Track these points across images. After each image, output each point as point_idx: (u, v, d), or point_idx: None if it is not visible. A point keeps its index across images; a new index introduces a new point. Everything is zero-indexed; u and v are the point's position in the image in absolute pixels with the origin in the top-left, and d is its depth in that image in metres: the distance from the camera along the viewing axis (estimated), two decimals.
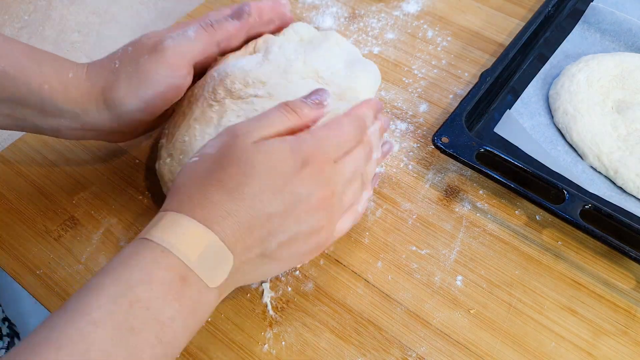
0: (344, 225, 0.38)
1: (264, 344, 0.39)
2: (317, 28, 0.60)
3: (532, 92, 0.52)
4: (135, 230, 0.44)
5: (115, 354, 0.27)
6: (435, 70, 0.56)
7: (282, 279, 0.42)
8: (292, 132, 0.36)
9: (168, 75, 0.40)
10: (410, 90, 0.54)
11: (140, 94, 0.40)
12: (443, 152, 0.45)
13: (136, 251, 0.30)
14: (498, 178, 0.43)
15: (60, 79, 0.39)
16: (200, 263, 0.31)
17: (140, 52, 0.40)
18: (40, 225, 0.45)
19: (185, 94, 0.44)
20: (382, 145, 0.42)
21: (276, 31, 0.47)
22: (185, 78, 0.41)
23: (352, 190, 0.38)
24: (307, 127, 0.37)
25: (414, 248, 0.43)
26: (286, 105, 0.36)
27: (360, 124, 0.38)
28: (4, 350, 0.56)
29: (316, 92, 0.38)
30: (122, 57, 0.41)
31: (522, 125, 0.49)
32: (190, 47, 0.41)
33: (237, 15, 0.43)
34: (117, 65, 0.40)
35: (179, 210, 0.32)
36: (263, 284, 0.41)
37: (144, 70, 0.39)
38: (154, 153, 0.49)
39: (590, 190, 0.45)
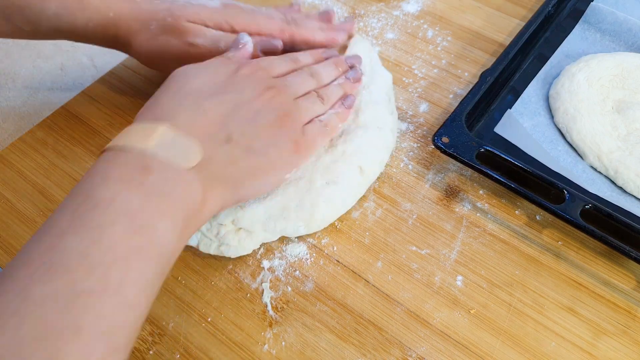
0: (312, 132, 0.41)
1: (264, 344, 0.39)
2: None
3: (532, 92, 0.52)
4: None
5: (89, 253, 0.27)
6: (435, 70, 0.56)
7: (282, 279, 0.42)
8: None
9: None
10: (410, 90, 0.54)
11: (155, 63, 0.48)
12: (443, 152, 0.45)
13: (94, 165, 0.32)
14: (498, 178, 0.43)
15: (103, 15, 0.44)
16: (160, 148, 0.31)
17: (173, 33, 0.45)
18: (40, 226, 0.45)
19: None
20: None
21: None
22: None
23: (304, 99, 0.42)
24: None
25: (414, 248, 0.43)
26: (218, 56, 0.43)
27: (294, 58, 0.45)
28: None
29: (236, 40, 0.44)
30: (159, 25, 0.45)
31: (522, 125, 0.49)
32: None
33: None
34: (152, 28, 0.45)
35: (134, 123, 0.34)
36: (263, 284, 0.41)
37: (168, 54, 0.46)
38: None
39: (590, 190, 0.45)
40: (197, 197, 0.32)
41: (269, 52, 0.47)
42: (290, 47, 0.49)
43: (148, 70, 0.56)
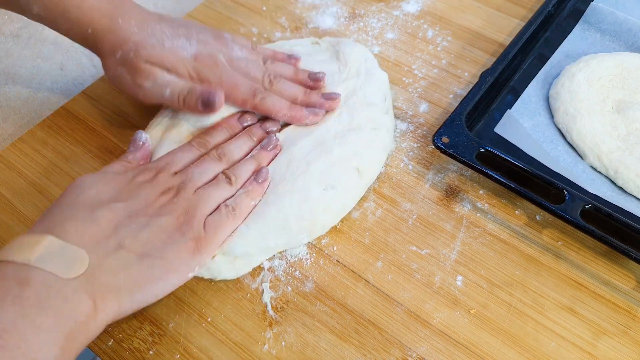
0: (214, 223, 0.39)
1: (264, 344, 0.39)
2: (317, 29, 0.60)
3: (532, 92, 0.52)
4: None
5: None
6: (435, 70, 0.56)
7: (282, 279, 0.42)
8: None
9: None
10: (410, 90, 0.54)
11: (117, 88, 0.50)
12: (443, 152, 0.45)
13: None
14: (498, 178, 0.43)
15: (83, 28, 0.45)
16: (42, 260, 0.31)
17: (129, 69, 0.44)
18: None
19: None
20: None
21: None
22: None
23: (208, 187, 0.40)
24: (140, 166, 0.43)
25: (414, 248, 0.43)
26: (118, 159, 0.44)
27: (200, 140, 0.44)
28: None
29: (134, 139, 0.45)
30: (122, 56, 0.44)
31: (522, 125, 0.49)
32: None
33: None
34: (117, 56, 0.45)
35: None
36: (263, 284, 0.41)
37: (121, 86, 0.46)
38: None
39: (590, 190, 0.45)
40: (84, 308, 0.31)
41: (207, 105, 0.45)
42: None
43: None
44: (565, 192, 0.42)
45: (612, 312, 0.40)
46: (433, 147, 0.47)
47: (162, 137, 0.46)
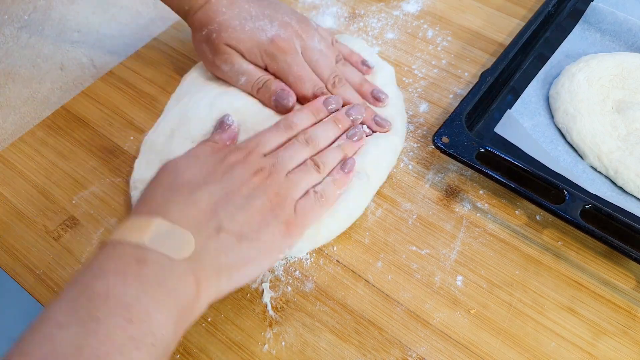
0: (304, 208, 0.39)
1: (264, 344, 0.39)
2: None
3: (532, 92, 0.52)
4: None
5: (86, 344, 0.27)
6: (435, 70, 0.56)
7: (282, 279, 0.42)
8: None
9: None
10: (410, 90, 0.54)
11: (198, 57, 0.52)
12: (443, 152, 0.45)
13: (92, 258, 0.32)
14: (498, 178, 0.43)
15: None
16: (154, 240, 0.32)
17: (211, 48, 0.48)
18: (40, 226, 0.45)
19: None
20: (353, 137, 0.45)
21: None
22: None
23: (297, 171, 0.41)
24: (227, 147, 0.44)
25: (414, 248, 0.43)
26: (204, 140, 0.44)
27: (285, 122, 0.44)
28: None
29: (221, 121, 0.46)
30: (206, 34, 0.48)
31: (522, 125, 0.49)
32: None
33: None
34: (203, 32, 0.48)
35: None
36: (263, 284, 0.41)
37: (203, 59, 0.50)
38: None
39: (590, 190, 0.45)
40: (191, 290, 0.32)
41: (280, 105, 0.47)
42: None
43: (148, 71, 0.56)
44: (565, 192, 0.42)
45: (612, 312, 0.40)
46: (433, 147, 0.47)
47: (171, 135, 0.46)
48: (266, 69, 0.49)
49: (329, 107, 0.47)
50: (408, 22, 0.61)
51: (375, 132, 0.48)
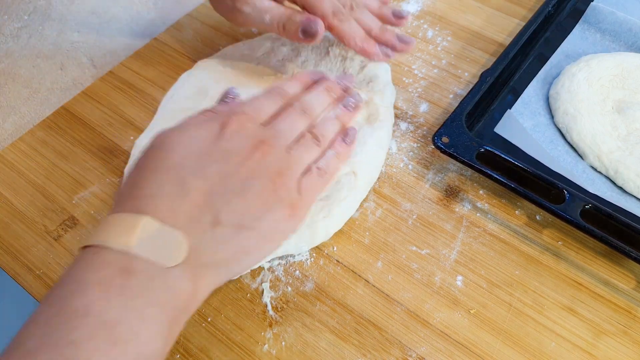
0: (308, 187, 0.36)
1: (264, 344, 0.39)
2: None
3: (532, 92, 0.52)
4: None
5: None
6: (435, 70, 0.56)
7: (282, 279, 0.42)
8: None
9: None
10: (410, 90, 0.54)
11: (218, 10, 0.50)
12: (443, 152, 0.45)
13: (72, 265, 0.29)
14: (498, 178, 0.43)
15: None
16: (142, 245, 0.28)
17: None
18: (40, 226, 0.45)
19: None
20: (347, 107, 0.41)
21: None
22: None
23: (299, 146, 0.36)
24: None
25: (414, 248, 0.43)
26: (205, 109, 0.39)
27: (277, 89, 0.39)
28: None
29: (226, 92, 0.41)
30: None
31: (522, 125, 0.49)
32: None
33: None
34: None
35: (112, 211, 0.31)
36: (263, 284, 0.41)
37: (221, 8, 0.49)
38: None
39: (590, 190, 0.45)
40: (186, 291, 0.30)
41: (308, 34, 0.45)
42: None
43: (148, 71, 0.56)
44: (565, 192, 0.42)
45: (612, 312, 0.40)
46: (433, 147, 0.47)
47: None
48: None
49: (313, 77, 0.42)
50: (408, 22, 0.60)
51: (402, 51, 0.48)
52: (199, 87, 0.51)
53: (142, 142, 0.48)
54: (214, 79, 0.51)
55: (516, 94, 0.52)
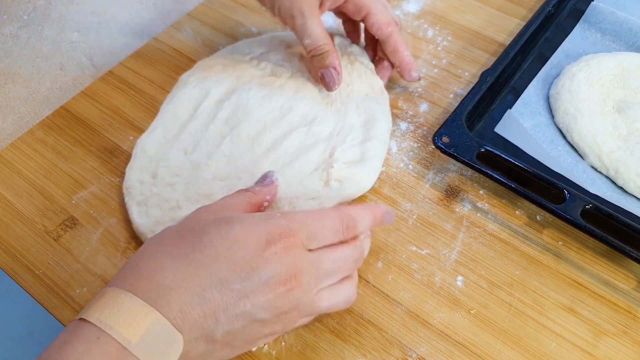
0: (324, 304, 0.35)
1: (264, 344, 0.39)
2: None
3: (532, 92, 0.52)
4: (133, 230, 0.44)
5: None
6: (435, 70, 0.56)
7: None
8: (253, 207, 0.37)
9: None
10: (410, 89, 0.54)
11: None
12: (443, 152, 0.45)
13: (70, 338, 0.28)
14: (498, 178, 0.43)
15: None
16: (143, 347, 0.27)
17: None
18: (39, 226, 0.45)
19: None
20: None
21: None
22: None
23: (328, 283, 0.35)
24: (265, 201, 0.39)
25: (414, 248, 0.43)
26: (241, 189, 0.38)
27: (349, 223, 0.35)
28: None
29: (265, 175, 0.42)
30: None
31: (522, 125, 0.49)
32: None
33: None
34: None
35: (121, 284, 0.29)
36: None
37: None
38: None
39: (590, 190, 0.45)
40: None
41: (325, 82, 0.49)
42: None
43: (147, 71, 0.56)
44: (566, 192, 0.42)
45: (613, 312, 0.40)
46: (433, 147, 0.46)
47: (164, 139, 0.47)
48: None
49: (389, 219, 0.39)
50: (408, 21, 0.60)
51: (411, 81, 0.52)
52: (199, 88, 0.51)
53: (143, 142, 0.48)
54: (214, 80, 0.51)
55: (516, 93, 0.52)
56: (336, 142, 0.47)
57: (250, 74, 0.52)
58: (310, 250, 0.33)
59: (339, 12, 0.51)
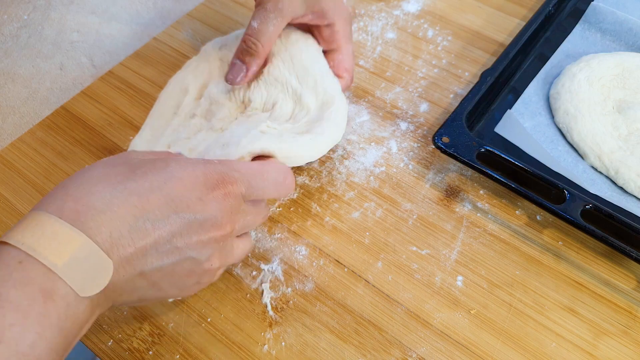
0: (237, 253, 0.36)
1: (264, 345, 0.39)
2: None
3: (532, 92, 0.52)
4: None
5: None
6: (435, 70, 0.56)
7: (282, 279, 0.42)
8: None
9: None
10: (410, 89, 0.54)
11: None
12: (443, 152, 0.45)
13: None
14: (499, 178, 0.43)
15: None
16: (69, 268, 0.26)
17: None
18: None
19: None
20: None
21: None
22: None
23: (244, 240, 0.36)
24: None
25: (415, 248, 0.43)
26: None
27: (288, 178, 0.37)
28: None
29: None
30: None
31: (522, 125, 0.49)
32: None
33: None
34: None
35: (47, 207, 0.28)
36: (263, 285, 0.41)
37: None
38: None
39: (591, 190, 0.45)
40: (85, 318, 0.28)
41: (227, 79, 0.46)
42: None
43: (147, 71, 0.56)
44: (566, 192, 0.42)
45: (613, 312, 0.40)
46: (433, 147, 0.46)
47: (152, 140, 0.47)
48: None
49: None
50: (408, 21, 0.60)
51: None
52: (180, 85, 0.50)
53: (134, 143, 0.47)
54: (192, 75, 0.51)
55: (516, 93, 0.52)
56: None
57: (218, 66, 0.51)
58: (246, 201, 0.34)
59: (313, 26, 0.48)
